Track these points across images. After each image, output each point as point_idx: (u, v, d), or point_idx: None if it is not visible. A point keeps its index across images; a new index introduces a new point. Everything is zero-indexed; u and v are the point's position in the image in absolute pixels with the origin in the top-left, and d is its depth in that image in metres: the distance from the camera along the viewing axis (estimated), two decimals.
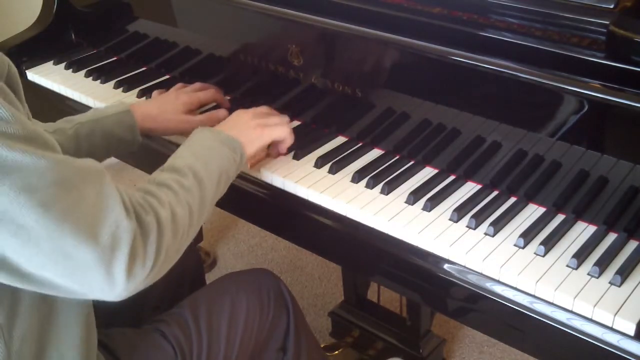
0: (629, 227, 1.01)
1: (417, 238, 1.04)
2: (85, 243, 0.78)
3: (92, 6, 1.69)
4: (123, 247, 0.81)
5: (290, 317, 1.24)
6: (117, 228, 0.81)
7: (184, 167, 0.99)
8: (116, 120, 1.23)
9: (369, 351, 1.69)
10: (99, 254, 0.79)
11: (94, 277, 0.80)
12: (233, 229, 2.40)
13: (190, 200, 0.95)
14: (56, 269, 0.79)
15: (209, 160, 1.04)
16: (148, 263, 0.84)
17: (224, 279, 1.27)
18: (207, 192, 1.00)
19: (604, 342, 0.89)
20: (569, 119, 1.00)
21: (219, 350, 1.12)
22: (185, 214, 0.93)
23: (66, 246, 0.78)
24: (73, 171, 0.80)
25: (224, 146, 1.08)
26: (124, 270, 0.81)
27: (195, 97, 1.35)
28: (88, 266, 0.79)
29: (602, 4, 1.00)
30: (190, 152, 1.04)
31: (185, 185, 0.96)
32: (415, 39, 1.11)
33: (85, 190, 0.81)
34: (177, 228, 0.91)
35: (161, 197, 0.91)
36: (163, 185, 0.95)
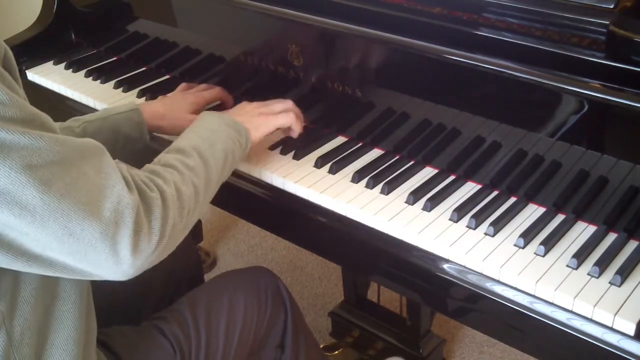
0: (629, 227, 1.01)
1: (417, 238, 1.04)
2: (87, 219, 0.79)
3: (92, 6, 1.69)
4: (127, 222, 0.82)
5: (288, 315, 1.24)
6: (119, 203, 0.82)
7: (188, 148, 1.00)
8: (124, 118, 1.24)
9: (369, 351, 1.69)
10: (102, 229, 0.80)
11: (99, 254, 0.81)
12: (233, 229, 2.40)
13: (195, 180, 0.96)
14: (62, 247, 0.80)
15: (214, 142, 1.05)
16: (154, 238, 0.85)
17: (222, 277, 1.28)
18: (213, 172, 1.01)
19: (604, 342, 0.89)
20: (569, 119, 1.00)
21: (217, 348, 1.12)
22: (191, 192, 0.94)
23: (70, 223, 0.78)
24: (72, 149, 0.81)
25: (229, 128, 1.09)
26: (129, 245, 0.82)
27: (202, 97, 1.37)
28: (92, 243, 0.80)
29: (602, 4, 1.00)
30: (195, 133, 1.05)
31: (190, 165, 0.97)
32: (415, 39, 1.11)
33: (85, 167, 0.81)
34: (182, 205, 0.91)
35: (166, 176, 0.92)
36: (168, 165, 0.95)
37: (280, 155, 1.25)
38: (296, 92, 1.33)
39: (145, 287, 1.27)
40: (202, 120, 1.11)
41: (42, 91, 1.62)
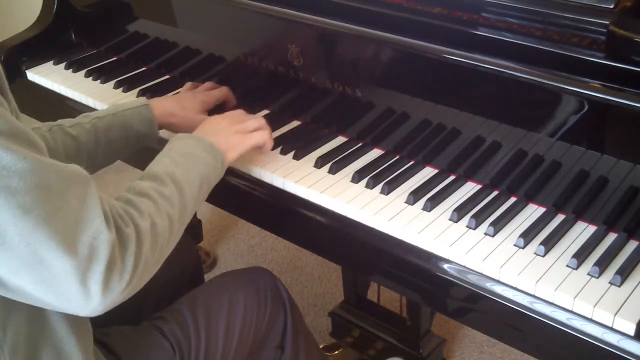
0: (629, 227, 1.01)
1: (417, 238, 1.04)
2: (61, 251, 0.76)
3: (92, 6, 1.69)
4: (100, 259, 0.79)
5: (287, 315, 1.24)
6: (95, 239, 0.79)
7: (164, 175, 0.98)
8: (135, 113, 1.23)
9: (369, 351, 1.69)
10: (76, 263, 0.77)
11: (68, 288, 0.78)
12: (233, 229, 2.40)
13: (170, 210, 0.94)
14: (31, 276, 0.77)
15: (190, 168, 1.03)
16: (126, 276, 0.82)
17: (222, 277, 1.28)
18: (188, 200, 0.99)
19: (604, 342, 0.89)
20: (569, 119, 1.00)
21: (217, 348, 1.12)
22: (165, 224, 0.92)
23: (42, 252, 0.76)
24: (57, 176, 0.78)
25: (204, 152, 1.07)
26: (100, 282, 0.79)
27: (211, 96, 1.38)
28: (63, 276, 0.77)
29: (602, 4, 1.00)
30: (170, 159, 1.03)
31: (165, 194, 0.95)
32: (415, 39, 1.11)
33: (68, 197, 0.79)
34: (156, 239, 0.89)
35: (141, 208, 0.89)
36: (143, 194, 0.93)
37: (280, 155, 1.25)
38: (296, 93, 1.33)
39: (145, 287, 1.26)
40: (177, 144, 1.08)
41: (42, 91, 1.62)
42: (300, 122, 1.35)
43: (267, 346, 1.23)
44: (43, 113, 1.69)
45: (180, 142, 1.09)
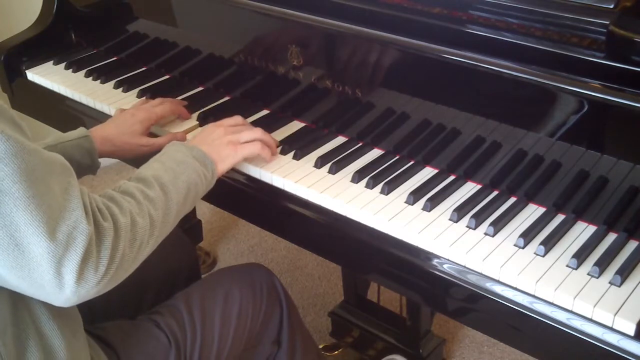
0: (629, 227, 1.01)
1: (417, 238, 1.04)
2: (40, 236, 0.77)
3: (92, 6, 1.69)
4: (77, 249, 0.80)
5: (283, 311, 1.24)
6: (75, 229, 0.80)
7: (150, 178, 0.99)
8: (74, 145, 1.21)
9: (369, 351, 1.69)
10: (52, 250, 0.78)
11: (42, 274, 0.79)
12: (233, 229, 2.40)
13: (153, 211, 0.94)
14: (5, 259, 0.77)
15: (178, 174, 1.03)
16: (101, 268, 0.83)
17: (217, 273, 1.28)
18: (172, 205, 0.99)
19: (604, 342, 0.89)
20: (569, 119, 1.00)
21: (213, 340, 1.13)
22: (146, 224, 0.92)
23: (20, 235, 0.76)
24: (41, 162, 0.79)
25: (195, 161, 1.07)
26: (74, 272, 0.80)
27: (153, 112, 1.32)
28: (38, 261, 0.78)
29: (602, 4, 1.00)
30: (160, 163, 1.04)
31: (150, 195, 0.95)
32: (415, 39, 1.11)
33: (52, 184, 0.79)
34: (135, 237, 0.89)
35: (122, 205, 0.90)
36: (127, 193, 0.94)
37: (280, 155, 1.25)
38: (296, 93, 1.33)
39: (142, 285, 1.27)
40: (170, 150, 1.09)
41: (42, 91, 1.62)
42: (300, 122, 1.35)
43: (263, 341, 1.23)
44: (43, 113, 1.70)
45: (172, 148, 1.10)
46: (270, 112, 1.39)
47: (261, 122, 1.35)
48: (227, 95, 1.46)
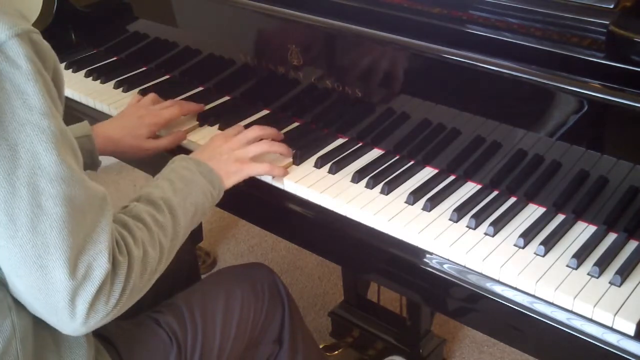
0: (629, 227, 1.01)
1: (417, 238, 1.04)
2: (63, 262, 0.79)
3: (92, 6, 1.69)
4: (93, 281, 0.81)
5: (285, 310, 1.24)
6: (94, 261, 0.81)
7: (160, 201, 0.99)
8: None
9: (369, 351, 1.69)
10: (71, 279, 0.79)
11: (57, 301, 0.81)
12: (233, 229, 2.40)
13: (162, 239, 0.95)
14: (28, 278, 0.79)
15: (186, 195, 1.03)
16: (112, 301, 0.84)
17: (218, 273, 1.28)
18: (180, 229, 1.00)
19: (604, 342, 0.89)
20: (569, 119, 1.00)
21: (214, 339, 1.13)
22: (156, 254, 0.93)
23: (47, 257, 0.78)
24: (84, 193, 0.81)
25: (203, 178, 1.07)
26: (87, 303, 0.81)
27: (162, 118, 1.30)
28: (57, 287, 0.79)
29: (602, 4, 1.00)
30: (169, 183, 1.03)
31: (159, 221, 0.96)
32: (415, 39, 1.11)
33: (87, 214, 0.81)
34: (145, 268, 0.91)
35: (136, 235, 0.91)
36: (138, 219, 0.94)
37: (280, 155, 1.24)
38: (296, 93, 1.33)
39: None
40: (177, 167, 1.08)
41: None
42: (300, 122, 1.35)
43: (264, 340, 1.23)
44: None
45: (181, 164, 1.09)
46: (270, 112, 1.39)
47: (261, 122, 1.35)
48: (227, 95, 1.46)
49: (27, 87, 0.76)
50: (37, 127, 0.77)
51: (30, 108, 0.77)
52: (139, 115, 1.29)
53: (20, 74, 0.76)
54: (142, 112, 1.31)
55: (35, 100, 0.77)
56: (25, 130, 0.76)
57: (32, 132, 0.76)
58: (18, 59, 0.76)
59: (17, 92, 0.76)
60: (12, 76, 0.76)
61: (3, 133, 0.76)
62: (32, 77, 0.77)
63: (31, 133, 0.76)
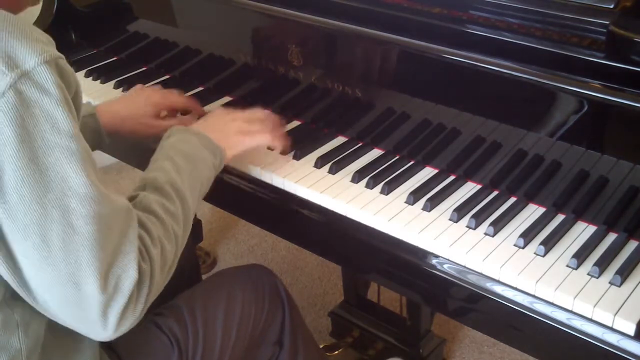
0: (629, 227, 1.01)
1: (417, 238, 1.04)
2: (95, 277, 0.80)
3: (92, 6, 1.69)
4: (124, 294, 0.83)
5: (285, 312, 1.24)
6: (124, 272, 0.83)
7: (166, 186, 0.99)
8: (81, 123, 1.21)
9: (369, 351, 1.69)
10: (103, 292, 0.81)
11: (90, 314, 0.82)
12: (233, 229, 2.40)
13: (175, 227, 0.96)
14: (61, 294, 0.81)
15: (190, 172, 1.03)
16: (139, 307, 0.86)
17: (219, 274, 1.28)
18: (190, 211, 1.01)
19: (604, 342, 0.89)
20: (569, 119, 1.00)
21: (215, 342, 1.13)
22: (172, 247, 0.94)
23: (80, 274, 0.80)
24: (112, 210, 0.83)
25: (205, 150, 1.07)
26: (117, 314, 0.83)
27: (168, 99, 1.32)
28: (90, 301, 0.81)
29: (602, 4, 1.00)
30: (171, 163, 1.02)
31: (170, 210, 0.96)
32: (415, 39, 1.11)
33: (114, 228, 0.83)
34: (165, 263, 0.92)
35: (152, 232, 0.91)
36: (150, 211, 0.94)
37: (280, 155, 1.25)
38: (296, 93, 1.33)
39: None
40: (177, 141, 1.07)
41: None
42: (300, 122, 1.35)
43: (265, 342, 1.23)
44: None
45: (179, 137, 1.08)
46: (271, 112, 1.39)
47: None
48: (227, 95, 1.46)
49: (56, 112, 0.78)
50: (66, 150, 0.78)
51: (59, 131, 0.78)
52: (146, 95, 1.31)
53: (49, 100, 0.78)
54: (148, 91, 1.33)
55: (63, 124, 0.79)
56: (54, 154, 0.78)
57: (61, 155, 0.78)
58: (46, 85, 0.78)
59: (46, 117, 0.78)
60: (42, 102, 0.78)
61: (34, 158, 0.77)
62: (60, 102, 0.79)
63: (60, 156, 0.78)
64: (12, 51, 0.77)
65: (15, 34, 0.78)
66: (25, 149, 0.76)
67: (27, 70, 0.77)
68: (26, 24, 0.81)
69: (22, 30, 0.79)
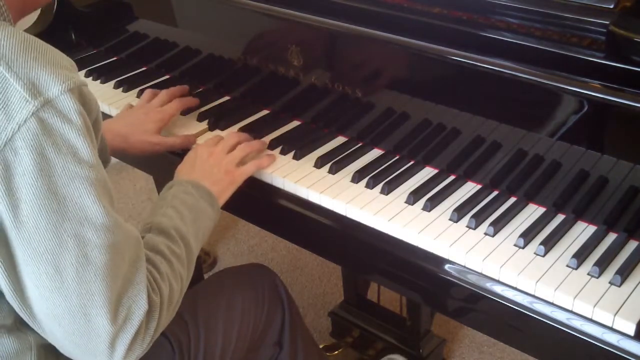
0: (629, 227, 1.01)
1: (417, 238, 1.04)
2: (105, 309, 0.80)
3: (92, 6, 1.69)
4: (133, 325, 0.83)
5: (285, 312, 1.24)
6: (134, 303, 0.83)
7: (172, 230, 0.99)
8: None
9: (369, 351, 1.69)
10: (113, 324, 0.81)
11: (98, 345, 0.82)
12: (233, 229, 2.40)
13: (181, 269, 0.96)
14: (70, 325, 0.80)
15: (193, 221, 1.04)
16: (147, 339, 0.86)
17: (219, 275, 1.28)
18: (193, 256, 1.02)
19: (604, 342, 0.89)
20: (569, 119, 1.00)
21: (216, 345, 1.13)
22: (179, 286, 0.95)
23: (91, 305, 0.79)
24: (123, 238, 0.82)
25: (204, 203, 1.08)
26: (126, 345, 0.83)
27: (167, 114, 1.32)
28: (98, 333, 0.81)
29: (602, 4, 1.00)
30: (174, 211, 1.04)
31: (176, 252, 0.97)
32: (415, 39, 1.11)
33: (125, 257, 0.83)
34: (172, 301, 0.92)
35: (160, 269, 0.91)
36: (157, 251, 0.95)
37: (280, 155, 1.25)
38: (296, 93, 1.33)
39: None
40: (178, 192, 1.08)
41: None
42: (300, 122, 1.35)
43: (265, 343, 1.23)
44: None
45: (181, 188, 1.09)
46: (270, 112, 1.39)
47: (261, 122, 1.36)
48: (227, 95, 1.46)
49: (77, 141, 0.77)
50: (86, 180, 0.78)
51: (80, 161, 0.78)
52: (145, 113, 1.31)
53: (71, 129, 0.77)
54: (145, 109, 1.33)
55: (84, 154, 0.78)
56: (74, 184, 0.77)
57: (80, 185, 0.77)
58: (69, 114, 0.77)
59: (68, 146, 0.77)
60: (63, 131, 0.77)
61: (52, 187, 0.76)
62: (82, 131, 0.78)
63: (80, 186, 0.77)
64: (36, 78, 0.76)
65: (40, 60, 0.77)
66: (44, 178, 0.75)
67: (51, 98, 0.76)
68: (50, 48, 0.80)
69: (46, 55, 0.78)
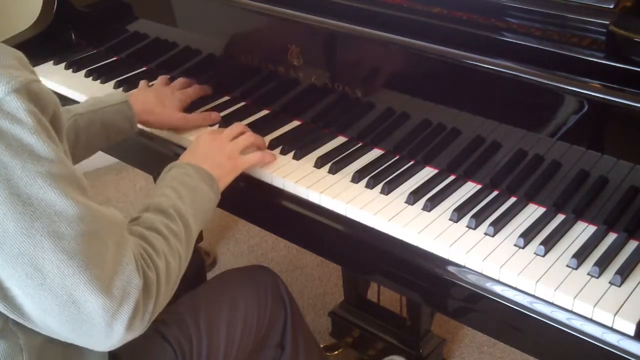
0: (629, 227, 1.01)
1: (417, 238, 1.04)
2: (96, 295, 0.79)
3: (92, 6, 1.69)
4: (130, 303, 0.82)
5: (287, 313, 1.24)
6: (129, 284, 0.82)
7: (170, 209, 0.99)
8: (115, 111, 1.24)
9: (369, 351, 1.69)
10: (107, 306, 0.80)
11: (94, 328, 0.81)
12: (233, 229, 2.40)
13: (179, 247, 0.96)
14: (61, 315, 0.80)
15: (192, 201, 1.04)
16: (146, 317, 0.86)
17: (221, 277, 1.28)
18: (192, 235, 1.01)
19: (604, 342, 0.89)
20: (569, 119, 1.00)
21: (219, 348, 1.12)
22: (176, 264, 0.94)
23: (78, 294, 0.79)
24: (101, 222, 0.82)
25: (205, 184, 1.08)
26: (124, 324, 0.82)
27: (188, 95, 1.40)
28: (92, 317, 0.80)
29: (602, 4, 1.00)
30: (173, 190, 1.04)
31: (174, 230, 0.97)
32: (415, 39, 1.11)
33: (108, 242, 0.82)
34: (170, 278, 0.92)
35: (156, 246, 0.91)
36: (153, 229, 0.94)
37: (280, 155, 1.25)
38: (296, 92, 1.33)
39: None
40: (177, 173, 1.08)
41: None
42: (300, 122, 1.35)
43: (267, 345, 1.23)
44: None
45: (181, 170, 1.09)
46: (270, 112, 1.39)
47: (261, 122, 1.36)
48: (227, 96, 1.46)
49: (31, 139, 0.76)
50: (48, 176, 0.77)
51: (39, 159, 0.77)
52: (171, 90, 1.38)
53: (23, 129, 0.76)
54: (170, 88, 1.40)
55: (42, 151, 0.77)
56: (37, 182, 0.76)
57: (43, 183, 0.77)
58: (18, 114, 0.76)
59: (22, 146, 0.76)
60: (15, 132, 0.76)
61: (14, 190, 0.75)
62: (35, 129, 0.77)
63: (43, 184, 0.77)
64: None
65: None
66: (4, 183, 0.74)
67: None
68: None
69: None
